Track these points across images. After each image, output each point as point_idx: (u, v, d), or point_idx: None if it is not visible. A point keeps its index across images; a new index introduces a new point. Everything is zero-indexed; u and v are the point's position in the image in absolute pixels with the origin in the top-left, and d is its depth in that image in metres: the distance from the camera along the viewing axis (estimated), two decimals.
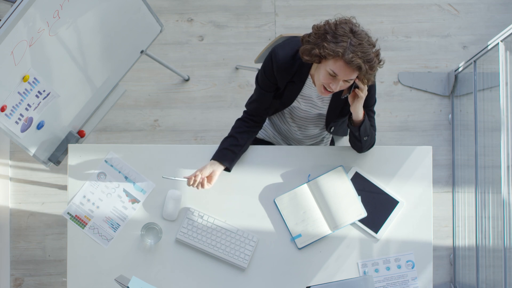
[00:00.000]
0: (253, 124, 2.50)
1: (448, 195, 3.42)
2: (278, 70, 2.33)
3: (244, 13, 3.52)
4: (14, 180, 3.39)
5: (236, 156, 2.47)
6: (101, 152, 2.55)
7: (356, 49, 2.12)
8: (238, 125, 2.49)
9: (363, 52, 2.12)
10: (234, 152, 2.47)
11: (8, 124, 2.35)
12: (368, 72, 2.15)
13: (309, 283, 2.49)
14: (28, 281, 3.33)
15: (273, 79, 2.37)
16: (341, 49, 2.12)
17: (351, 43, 2.12)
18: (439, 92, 3.47)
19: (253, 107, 2.48)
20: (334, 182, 2.52)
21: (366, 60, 2.13)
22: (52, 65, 2.41)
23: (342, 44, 2.12)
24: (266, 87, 2.40)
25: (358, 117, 2.34)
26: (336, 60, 2.14)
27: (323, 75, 2.20)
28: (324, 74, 2.19)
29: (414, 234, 2.52)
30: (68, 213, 2.52)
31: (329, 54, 2.14)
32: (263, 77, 2.38)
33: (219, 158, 2.45)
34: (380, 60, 2.20)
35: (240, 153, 2.49)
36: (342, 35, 2.13)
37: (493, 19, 3.53)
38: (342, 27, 2.14)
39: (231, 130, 2.49)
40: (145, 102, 3.46)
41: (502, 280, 2.75)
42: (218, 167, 2.45)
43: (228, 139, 2.48)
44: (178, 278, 2.49)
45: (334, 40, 2.13)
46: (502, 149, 2.75)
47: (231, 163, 2.47)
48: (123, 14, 2.60)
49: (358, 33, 2.14)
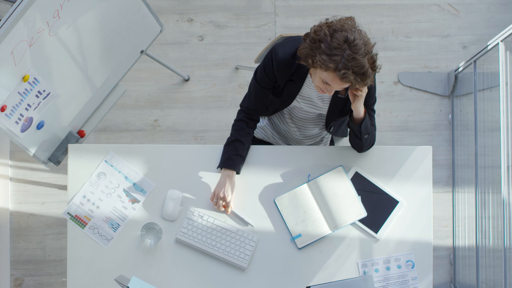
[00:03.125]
0: (252, 124, 2.50)
1: (448, 195, 3.42)
2: (278, 68, 2.33)
3: (244, 13, 3.52)
4: (14, 180, 3.39)
5: (244, 159, 2.50)
6: (101, 152, 2.55)
7: (349, 63, 2.07)
8: (239, 127, 2.49)
9: (357, 66, 2.08)
10: (242, 156, 2.49)
11: (8, 124, 2.35)
12: (361, 83, 2.14)
13: (309, 283, 2.49)
14: (28, 281, 3.33)
15: (273, 77, 2.37)
16: (333, 64, 2.08)
17: (344, 56, 2.07)
18: (439, 92, 3.47)
19: (251, 104, 2.47)
20: (334, 182, 2.52)
21: (359, 74, 2.10)
22: (52, 65, 2.41)
23: (335, 59, 2.08)
24: (265, 84, 2.40)
25: (359, 115, 2.34)
26: (329, 72, 2.12)
27: (317, 80, 2.20)
28: (318, 80, 2.19)
29: (414, 234, 2.52)
30: (68, 213, 2.52)
31: (321, 67, 2.12)
32: (262, 74, 2.38)
33: (231, 166, 2.47)
34: (376, 68, 2.16)
35: (246, 155, 2.51)
36: (336, 47, 2.08)
37: (493, 19, 3.53)
38: (337, 38, 2.08)
39: (235, 133, 2.48)
40: (145, 102, 3.46)
41: (502, 280, 2.75)
42: (232, 175, 2.47)
43: (233, 143, 2.48)
44: (178, 278, 2.49)
45: (328, 51, 2.08)
46: (502, 149, 2.75)
47: (241, 167, 2.50)
48: (123, 14, 2.60)
49: (354, 43, 2.08)
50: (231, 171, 2.47)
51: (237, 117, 2.51)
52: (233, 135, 2.49)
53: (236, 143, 2.47)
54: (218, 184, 2.47)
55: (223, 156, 2.49)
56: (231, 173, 2.47)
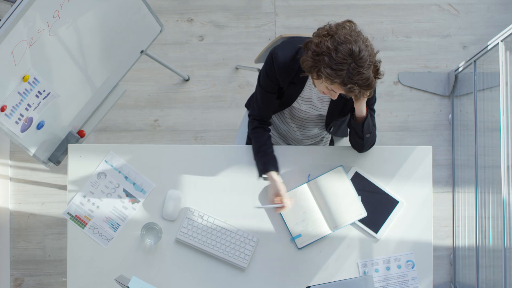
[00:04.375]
0: (267, 127, 2.53)
1: (448, 195, 3.42)
2: (279, 72, 2.33)
3: (244, 13, 3.52)
4: (14, 180, 3.39)
5: (276, 158, 2.50)
6: (101, 152, 2.55)
7: (354, 78, 2.06)
8: (257, 134, 2.50)
9: (362, 80, 2.07)
10: (273, 156, 2.49)
11: (8, 124, 2.35)
12: (366, 93, 2.14)
13: (309, 283, 2.49)
14: (28, 281, 3.33)
15: (276, 80, 2.37)
16: (338, 79, 2.08)
17: (349, 70, 2.06)
18: (439, 92, 3.47)
19: (260, 111, 2.48)
20: (334, 182, 2.52)
21: (364, 86, 2.10)
22: (52, 65, 2.41)
23: (340, 74, 2.06)
24: (270, 88, 2.40)
25: (361, 114, 2.34)
26: (335, 85, 2.12)
27: (322, 87, 2.19)
28: (323, 87, 2.19)
29: (414, 234, 2.52)
30: (68, 213, 2.52)
31: (326, 79, 2.11)
32: (266, 79, 2.38)
33: (268, 169, 2.46)
34: (379, 74, 2.16)
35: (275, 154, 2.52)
36: (341, 62, 2.05)
37: (493, 19, 3.53)
38: (341, 52, 2.05)
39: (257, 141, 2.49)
40: (145, 102, 3.46)
41: (502, 280, 2.75)
42: (275, 175, 2.46)
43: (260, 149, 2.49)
44: (178, 278, 2.49)
45: (333, 66, 2.06)
46: (502, 149, 2.75)
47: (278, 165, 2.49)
48: (123, 14, 2.60)
49: (359, 56, 2.06)
50: (272, 173, 2.47)
51: (251, 126, 2.51)
52: (257, 142, 2.50)
53: (262, 148, 2.49)
54: (270, 189, 2.47)
55: (257, 164, 2.50)
56: (273, 174, 2.47)
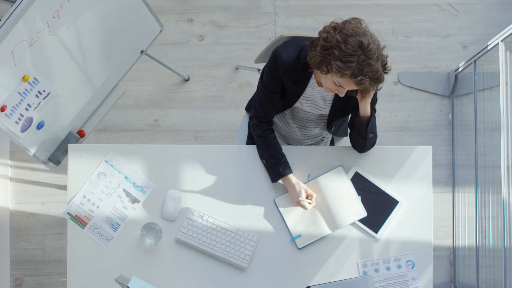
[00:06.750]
0: (271, 128, 2.52)
1: (448, 195, 3.42)
2: (284, 71, 2.33)
3: (244, 13, 3.52)
4: (14, 180, 3.39)
5: (286, 159, 2.50)
6: (101, 152, 2.55)
7: (364, 69, 2.08)
8: (264, 137, 2.50)
9: (372, 71, 2.09)
10: (284, 159, 2.49)
11: (8, 124, 2.35)
12: (375, 86, 2.15)
13: (309, 283, 2.49)
14: (28, 281, 3.33)
15: (280, 80, 2.37)
16: (349, 71, 2.09)
17: (359, 62, 2.08)
18: (439, 92, 3.47)
19: (264, 112, 2.48)
20: (334, 182, 2.52)
21: (373, 78, 2.11)
22: (52, 65, 2.41)
23: (351, 65, 2.08)
24: (273, 89, 2.40)
25: (366, 113, 2.35)
26: (345, 78, 2.13)
27: (330, 83, 2.20)
28: (331, 83, 2.19)
29: (414, 234, 2.52)
30: (68, 213, 2.52)
31: (336, 73, 2.12)
32: (270, 80, 2.38)
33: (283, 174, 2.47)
34: (387, 69, 2.18)
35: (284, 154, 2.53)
36: (351, 53, 2.08)
37: (493, 19, 3.53)
38: (351, 44, 2.08)
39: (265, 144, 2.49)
40: (145, 102, 3.46)
41: (502, 280, 2.75)
42: (291, 177, 2.47)
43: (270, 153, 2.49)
44: (178, 278, 2.49)
45: (343, 58, 2.08)
46: (502, 149, 2.75)
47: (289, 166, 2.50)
48: (123, 14, 2.60)
49: (368, 48, 2.09)
50: (286, 176, 2.48)
51: (259, 129, 2.51)
52: (266, 146, 2.49)
53: (272, 152, 2.48)
54: (290, 193, 2.48)
55: (270, 170, 2.50)
56: (288, 177, 2.47)
